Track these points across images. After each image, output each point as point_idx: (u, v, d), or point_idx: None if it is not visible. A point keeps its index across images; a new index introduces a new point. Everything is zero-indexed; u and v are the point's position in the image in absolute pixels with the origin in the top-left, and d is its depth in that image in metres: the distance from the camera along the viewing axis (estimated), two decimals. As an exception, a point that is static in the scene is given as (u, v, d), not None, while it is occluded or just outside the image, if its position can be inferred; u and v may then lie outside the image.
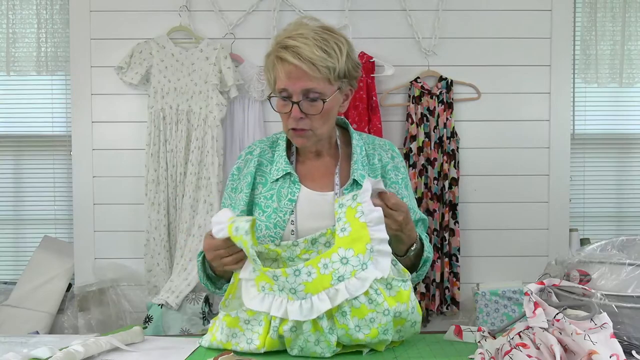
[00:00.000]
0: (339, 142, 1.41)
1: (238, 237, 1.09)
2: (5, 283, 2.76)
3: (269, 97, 1.31)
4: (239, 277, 1.13)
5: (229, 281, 1.29)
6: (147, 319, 2.30)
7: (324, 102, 1.26)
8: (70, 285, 2.62)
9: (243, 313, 1.11)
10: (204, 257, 1.31)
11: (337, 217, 1.14)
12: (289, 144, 1.40)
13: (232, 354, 1.05)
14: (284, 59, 1.24)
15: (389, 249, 1.11)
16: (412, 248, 1.27)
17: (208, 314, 2.36)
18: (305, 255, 1.18)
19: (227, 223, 1.11)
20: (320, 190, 1.34)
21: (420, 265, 1.34)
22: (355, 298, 1.06)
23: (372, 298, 1.07)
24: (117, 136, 2.57)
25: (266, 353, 1.12)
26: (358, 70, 1.34)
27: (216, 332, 1.14)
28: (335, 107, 1.31)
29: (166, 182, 2.49)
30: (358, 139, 1.41)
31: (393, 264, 1.13)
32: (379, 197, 1.17)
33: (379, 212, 1.11)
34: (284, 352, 1.12)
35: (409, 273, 1.16)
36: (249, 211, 1.37)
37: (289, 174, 1.35)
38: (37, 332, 2.36)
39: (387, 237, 1.11)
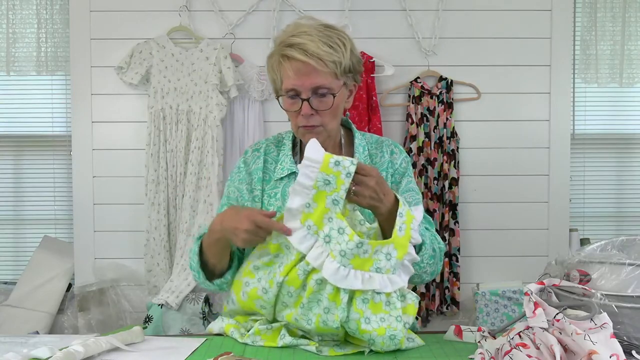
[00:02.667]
0: (343, 141, 1.41)
1: (335, 172, 1.08)
2: (5, 283, 2.76)
3: (277, 97, 1.30)
4: (287, 207, 1.11)
5: (220, 276, 1.30)
6: (147, 319, 2.30)
7: (334, 97, 1.27)
8: (70, 285, 2.62)
9: (283, 239, 1.12)
10: (201, 243, 1.30)
11: (399, 212, 1.15)
12: (294, 144, 1.40)
13: (232, 354, 1.05)
14: (290, 56, 1.24)
15: (412, 270, 1.17)
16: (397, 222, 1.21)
17: (208, 314, 2.36)
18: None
19: (322, 156, 1.09)
20: None
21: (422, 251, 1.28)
22: (378, 293, 1.09)
23: (391, 301, 1.10)
24: (117, 136, 2.57)
25: (269, 354, 1.12)
26: (361, 65, 1.35)
27: (259, 258, 1.17)
28: (342, 102, 1.32)
29: (166, 182, 2.49)
30: (361, 139, 1.41)
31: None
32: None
33: (419, 237, 1.18)
34: (287, 352, 1.12)
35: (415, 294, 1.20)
36: (251, 201, 1.36)
37: (293, 173, 1.34)
38: (37, 332, 2.36)
39: (418, 258, 1.19)
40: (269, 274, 1.16)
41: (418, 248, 1.27)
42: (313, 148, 1.11)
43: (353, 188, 1.13)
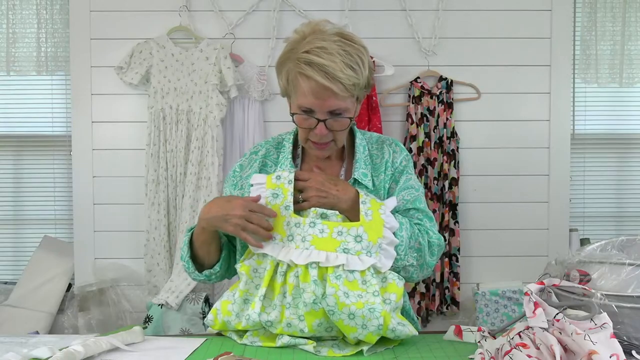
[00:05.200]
0: (345, 144, 1.40)
1: (279, 184, 1.23)
2: (5, 283, 2.76)
3: (292, 115, 1.27)
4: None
5: (210, 267, 1.33)
6: (147, 319, 2.30)
7: (350, 119, 1.27)
8: (70, 285, 2.62)
9: (253, 262, 1.20)
10: (192, 235, 1.33)
11: (362, 200, 1.23)
12: (295, 145, 1.40)
13: (232, 354, 1.05)
14: (309, 76, 1.19)
15: (394, 253, 1.21)
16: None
17: (208, 314, 2.36)
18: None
19: (265, 178, 1.25)
20: None
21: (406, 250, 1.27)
22: (351, 272, 1.14)
23: (365, 279, 1.15)
24: (117, 136, 2.57)
25: (269, 354, 1.12)
26: (373, 75, 1.33)
27: (238, 284, 1.22)
28: (354, 118, 1.32)
29: (166, 182, 2.49)
30: (361, 138, 1.40)
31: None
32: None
33: (395, 222, 1.23)
34: (286, 353, 1.13)
35: (403, 279, 1.21)
36: None
37: None
38: (37, 332, 2.36)
39: (397, 241, 1.22)
40: (246, 302, 1.20)
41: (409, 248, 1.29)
42: (255, 177, 1.27)
43: (300, 197, 1.23)
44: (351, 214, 1.23)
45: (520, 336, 0.93)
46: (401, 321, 1.17)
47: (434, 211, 2.54)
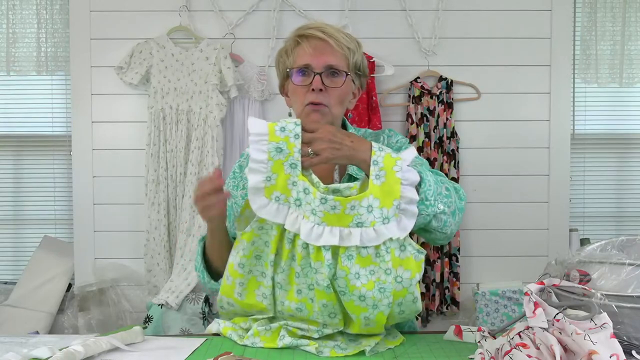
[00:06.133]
0: None
1: (283, 138, 1.09)
2: (5, 283, 2.76)
3: (288, 71, 1.32)
4: (249, 187, 1.11)
5: (221, 275, 1.29)
6: (147, 319, 2.30)
7: (345, 76, 1.30)
8: (70, 285, 2.62)
9: (255, 223, 1.13)
10: (204, 244, 1.33)
11: (373, 159, 1.11)
12: None
13: (232, 354, 1.05)
14: (309, 35, 1.30)
15: (416, 210, 1.10)
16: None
17: (208, 314, 2.36)
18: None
19: (266, 127, 1.10)
20: None
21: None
22: (365, 247, 1.08)
23: (380, 253, 1.09)
24: (117, 136, 2.57)
25: (269, 354, 1.12)
26: (367, 73, 1.39)
27: (238, 253, 1.16)
28: (349, 93, 1.35)
29: (166, 182, 2.49)
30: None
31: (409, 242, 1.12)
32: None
33: (415, 175, 1.11)
34: (287, 353, 1.13)
35: (424, 251, 1.14)
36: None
37: None
38: (37, 332, 2.36)
39: (418, 198, 1.11)
40: (257, 261, 1.16)
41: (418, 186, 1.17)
42: (254, 123, 1.11)
43: (309, 150, 1.11)
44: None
45: (520, 336, 0.93)
46: (415, 296, 1.13)
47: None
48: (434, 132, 2.56)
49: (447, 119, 2.56)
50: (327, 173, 1.36)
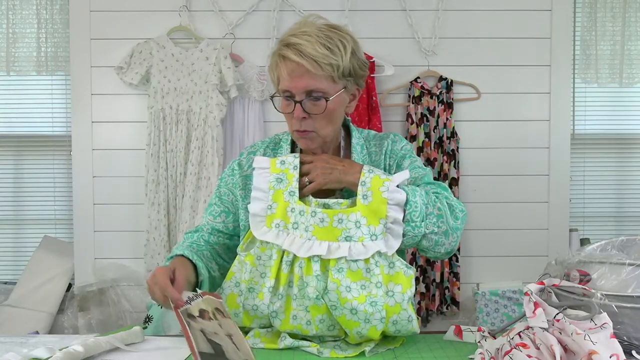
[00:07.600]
0: (343, 143, 1.36)
1: (283, 169, 1.21)
2: (5, 283, 2.76)
3: (272, 97, 1.28)
4: (250, 213, 1.20)
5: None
6: (147, 319, 2.30)
7: (327, 101, 1.22)
8: (70, 285, 2.62)
9: (257, 250, 1.17)
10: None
11: (361, 181, 1.18)
12: (293, 145, 1.36)
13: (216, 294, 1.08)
14: (285, 56, 1.21)
15: (401, 231, 1.15)
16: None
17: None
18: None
19: (268, 162, 1.22)
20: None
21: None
22: (355, 261, 1.12)
23: (370, 268, 1.13)
24: (117, 136, 2.57)
25: (269, 355, 1.12)
26: (365, 69, 1.30)
27: (239, 272, 1.19)
28: (340, 107, 1.27)
29: (166, 182, 2.49)
30: (358, 137, 1.35)
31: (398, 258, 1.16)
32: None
33: (402, 195, 1.15)
34: (287, 354, 1.12)
35: (413, 268, 1.17)
36: (245, 209, 1.33)
37: None
38: (37, 332, 2.36)
39: (402, 218, 1.15)
40: (250, 294, 1.18)
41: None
42: (258, 160, 1.25)
43: (305, 179, 1.21)
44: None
45: (520, 336, 0.93)
46: (409, 315, 1.14)
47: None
48: (434, 132, 2.56)
49: (447, 119, 2.56)
50: (328, 195, 1.33)
